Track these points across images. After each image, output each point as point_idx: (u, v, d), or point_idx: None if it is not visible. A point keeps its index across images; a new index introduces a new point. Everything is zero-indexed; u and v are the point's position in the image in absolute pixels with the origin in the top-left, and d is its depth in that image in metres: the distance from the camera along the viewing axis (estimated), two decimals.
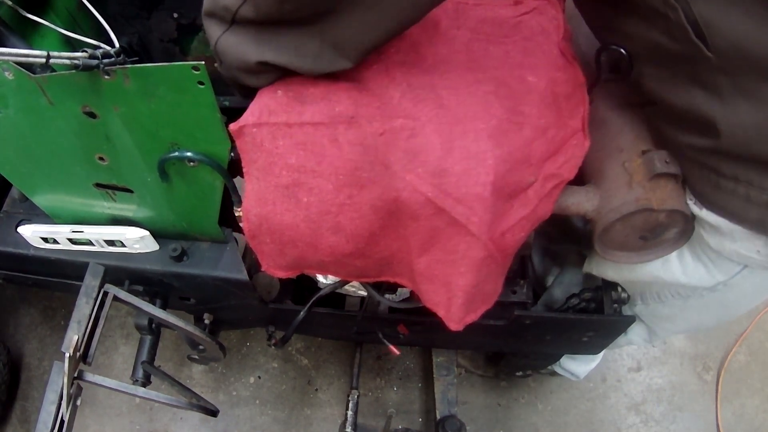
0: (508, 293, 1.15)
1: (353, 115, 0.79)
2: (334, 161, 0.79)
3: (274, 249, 0.89)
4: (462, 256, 0.81)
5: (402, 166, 0.78)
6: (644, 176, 0.84)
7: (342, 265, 0.90)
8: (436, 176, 0.77)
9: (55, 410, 0.92)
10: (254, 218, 0.85)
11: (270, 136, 0.80)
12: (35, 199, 1.08)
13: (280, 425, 1.90)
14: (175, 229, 1.10)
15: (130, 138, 0.88)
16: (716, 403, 1.94)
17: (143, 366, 1.16)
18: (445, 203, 0.77)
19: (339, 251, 0.85)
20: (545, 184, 0.83)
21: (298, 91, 0.81)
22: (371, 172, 0.79)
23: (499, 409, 1.93)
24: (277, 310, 1.19)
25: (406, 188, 0.78)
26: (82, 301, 0.97)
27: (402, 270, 0.91)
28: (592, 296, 1.15)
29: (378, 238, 0.85)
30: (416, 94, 0.82)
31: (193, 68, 0.75)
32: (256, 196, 0.84)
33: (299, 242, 0.85)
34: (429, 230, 0.81)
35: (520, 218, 0.82)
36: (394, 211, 0.81)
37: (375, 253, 0.87)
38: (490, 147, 0.77)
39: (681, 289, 1.01)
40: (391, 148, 0.79)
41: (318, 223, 0.82)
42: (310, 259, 0.89)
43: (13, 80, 0.81)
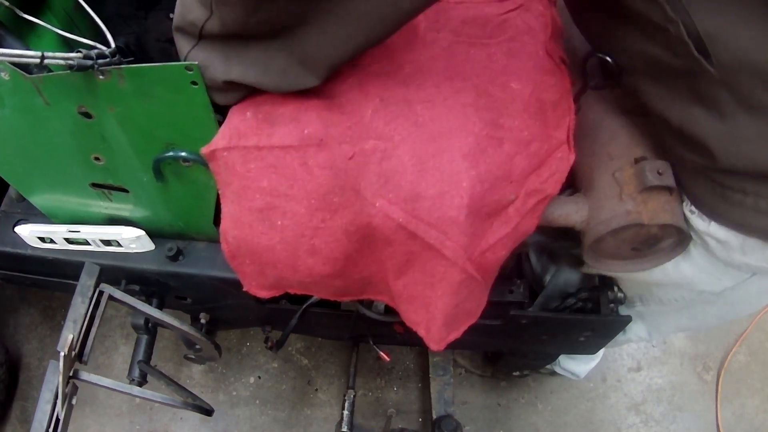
0: (505, 293, 1.15)
1: (323, 137, 0.77)
2: (305, 185, 0.77)
3: (254, 270, 0.88)
4: (439, 279, 0.79)
5: (373, 191, 0.76)
6: (635, 188, 0.80)
7: (322, 285, 0.89)
8: (408, 201, 0.75)
9: (50, 409, 0.92)
10: (232, 240, 0.85)
11: (241, 160, 0.79)
12: (32, 199, 1.09)
13: (280, 425, 1.90)
14: (171, 228, 1.10)
15: (125, 138, 0.88)
16: (716, 403, 1.93)
17: (139, 365, 1.16)
18: (418, 229, 0.75)
19: (317, 273, 0.84)
20: (527, 200, 0.80)
21: (267, 111, 0.79)
22: (342, 197, 0.77)
23: (499, 409, 1.93)
24: (273, 309, 1.19)
25: (377, 214, 0.76)
26: (77, 301, 0.97)
27: (381, 289, 0.91)
28: (588, 296, 1.15)
29: (355, 261, 0.84)
30: (390, 110, 0.78)
31: (186, 68, 0.75)
32: (232, 218, 0.83)
33: (278, 264, 0.84)
34: (404, 254, 0.80)
35: (501, 237, 0.79)
36: (368, 236, 0.80)
37: (353, 273, 0.86)
38: (465, 168, 0.74)
39: (685, 292, 0.98)
40: (362, 172, 0.77)
41: (294, 246, 0.81)
42: (290, 280, 0.88)
43: (9, 80, 0.81)
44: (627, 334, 1.21)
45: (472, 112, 0.78)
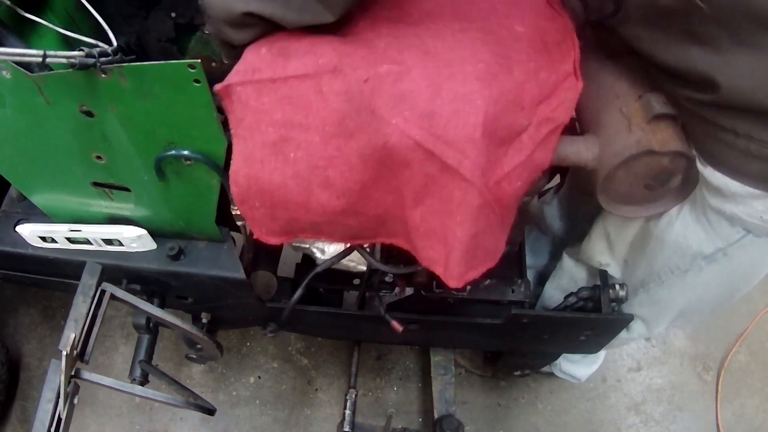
0: (506, 292, 1.15)
1: (337, 64, 0.77)
2: (320, 113, 0.77)
3: (264, 213, 0.87)
4: (457, 204, 0.78)
5: (388, 110, 0.76)
6: (643, 119, 0.82)
7: (335, 224, 0.88)
8: (424, 118, 0.75)
9: (52, 408, 0.92)
10: (242, 180, 0.83)
11: (255, 94, 0.79)
12: (33, 198, 1.09)
13: (280, 425, 1.90)
14: (173, 228, 1.10)
15: (126, 137, 0.88)
16: (716, 403, 1.93)
17: (141, 365, 1.16)
18: (435, 146, 0.75)
19: (330, 209, 0.83)
20: (540, 128, 0.81)
21: (282, 47, 0.80)
22: (358, 120, 0.77)
23: (499, 409, 1.93)
24: (274, 309, 1.19)
25: (393, 133, 0.76)
26: (79, 300, 0.97)
27: (397, 228, 0.89)
28: (589, 295, 1.15)
29: (370, 191, 0.83)
30: (402, 42, 0.80)
31: (189, 66, 0.75)
32: (243, 156, 0.82)
33: (290, 203, 0.83)
34: (422, 178, 0.79)
35: (516, 165, 0.80)
36: (384, 159, 0.79)
37: (368, 209, 0.85)
38: (478, 88, 0.76)
39: (679, 260, 0.98)
40: (377, 94, 0.77)
41: (307, 180, 0.80)
42: (302, 221, 0.87)
43: (11, 79, 0.81)
44: (629, 332, 1.21)
45: (480, 45, 0.80)
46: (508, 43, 0.82)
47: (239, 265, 1.09)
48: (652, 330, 1.18)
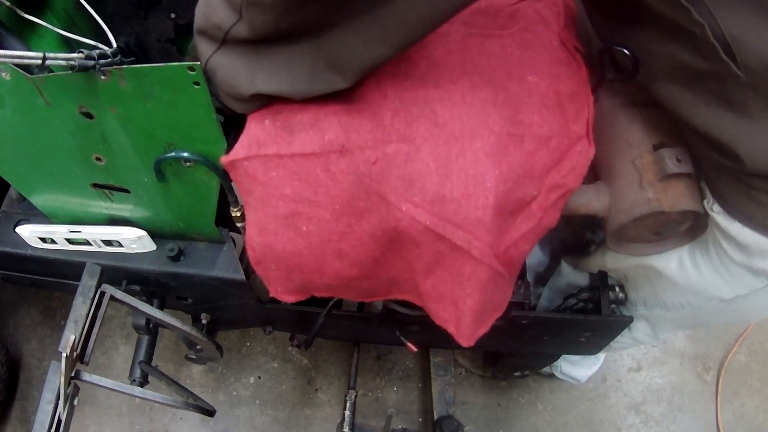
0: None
1: (344, 143, 0.76)
2: (329, 191, 0.77)
3: (280, 275, 0.88)
4: (467, 278, 0.79)
5: (398, 195, 0.75)
6: (655, 176, 0.80)
7: (349, 287, 0.90)
8: (434, 204, 0.75)
9: (52, 410, 0.92)
10: (258, 247, 0.84)
11: (262, 168, 0.78)
12: (33, 199, 1.08)
13: (280, 425, 1.90)
14: (172, 229, 1.10)
15: (126, 138, 0.88)
16: (716, 403, 1.93)
17: (140, 366, 1.16)
18: (446, 230, 0.75)
19: (344, 275, 0.84)
20: (549, 195, 0.80)
21: (286, 118, 0.79)
22: (367, 202, 0.77)
23: (499, 409, 1.93)
24: (273, 309, 1.19)
25: (404, 218, 0.76)
26: (78, 301, 0.97)
27: (409, 287, 0.90)
28: (589, 296, 1.15)
29: (382, 262, 0.83)
30: (410, 112, 0.77)
31: (188, 68, 0.75)
32: (256, 225, 0.83)
33: (304, 268, 0.84)
34: (432, 255, 0.79)
35: (525, 232, 0.80)
36: (395, 238, 0.79)
37: (381, 274, 0.86)
38: (489, 168, 0.74)
39: (692, 298, 0.97)
40: (386, 176, 0.76)
41: (321, 250, 0.81)
42: (316, 283, 0.89)
43: (10, 81, 0.81)
44: (633, 332, 1.20)
45: (491, 109, 0.78)
46: (519, 102, 0.79)
47: (239, 266, 1.09)
48: (657, 335, 1.18)
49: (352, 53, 0.70)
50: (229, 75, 0.76)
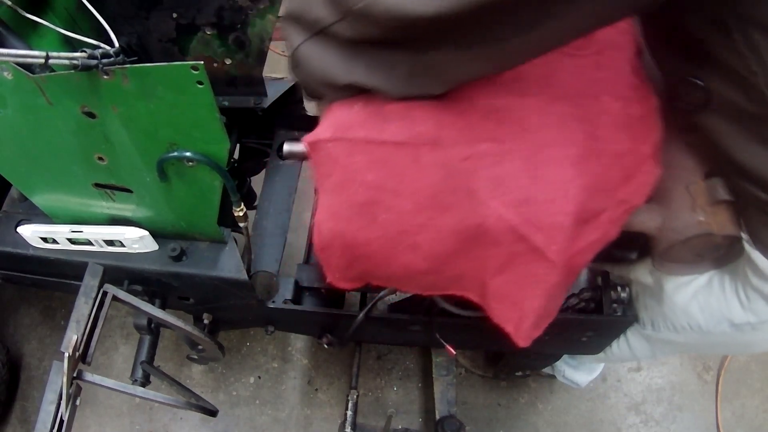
0: None
1: (436, 136, 0.76)
2: (414, 182, 0.77)
3: (343, 263, 0.87)
4: (537, 280, 0.80)
5: (487, 193, 0.76)
6: (706, 201, 0.85)
7: (412, 280, 0.88)
8: (520, 205, 0.76)
9: (54, 410, 0.92)
10: (326, 232, 0.83)
11: (346, 152, 0.78)
12: (34, 199, 1.08)
13: (280, 425, 1.90)
14: (174, 229, 1.10)
15: (128, 138, 0.88)
16: (716, 403, 1.93)
17: (142, 366, 1.16)
18: (528, 231, 0.76)
19: (413, 268, 0.83)
20: (616, 209, 0.82)
21: (378, 107, 0.78)
22: (454, 197, 0.77)
23: (499, 409, 1.93)
24: (275, 310, 1.19)
25: (491, 216, 0.76)
26: (81, 301, 0.97)
27: (472, 286, 0.89)
28: (591, 296, 1.15)
29: (454, 258, 0.83)
30: (498, 114, 0.79)
31: (192, 68, 0.75)
32: (330, 211, 0.81)
33: (373, 258, 0.83)
34: (508, 254, 0.80)
35: (591, 242, 0.81)
36: (476, 235, 0.79)
37: (449, 270, 0.85)
38: (572, 176, 0.77)
39: (703, 321, 1.00)
40: (476, 174, 0.76)
41: (395, 242, 0.80)
42: (379, 274, 0.88)
43: (12, 80, 0.81)
44: (632, 350, 1.22)
45: (572, 122, 0.80)
46: (595, 119, 0.81)
47: (241, 265, 1.09)
48: (656, 355, 1.20)
49: (457, 68, 0.72)
50: (323, 64, 0.75)
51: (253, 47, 1.22)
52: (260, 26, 1.18)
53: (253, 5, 1.14)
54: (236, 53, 1.24)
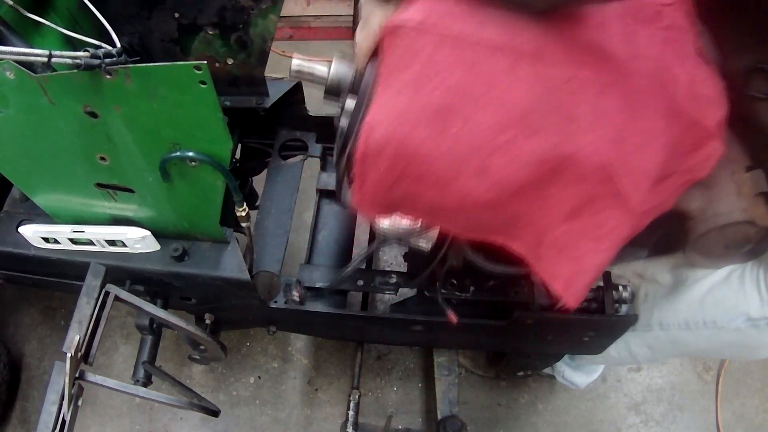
0: (510, 293, 1.15)
1: (538, 49, 0.69)
2: (504, 95, 0.68)
3: (384, 179, 0.74)
4: (608, 232, 0.74)
5: (588, 122, 0.69)
6: (750, 191, 0.86)
7: (459, 214, 0.77)
8: (615, 144, 0.70)
9: (56, 410, 0.92)
10: (380, 136, 0.70)
11: (433, 45, 0.68)
12: (36, 199, 1.08)
13: (280, 425, 1.90)
14: (177, 229, 1.10)
15: (131, 138, 0.88)
16: (716, 403, 1.94)
17: (144, 366, 1.16)
18: (617, 173, 0.70)
19: (470, 198, 0.72)
20: (682, 176, 0.79)
21: (474, 5, 0.70)
22: (548, 120, 0.69)
23: (499, 409, 1.93)
24: (277, 310, 1.19)
25: (586, 148, 0.69)
26: (83, 301, 0.97)
27: (522, 233, 0.80)
28: (593, 296, 1.15)
29: (523, 194, 0.73)
30: (598, 52, 0.73)
31: (195, 68, 0.75)
32: (392, 111, 0.70)
33: (427, 178, 0.72)
34: (587, 197, 0.73)
35: (654, 205, 0.78)
36: (560, 168, 0.71)
37: (510, 207, 0.75)
38: (662, 129, 0.73)
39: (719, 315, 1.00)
40: (578, 99, 0.69)
41: (461, 162, 0.70)
42: (423, 200, 0.76)
43: (14, 79, 0.80)
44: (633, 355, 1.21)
45: (655, 84, 0.76)
46: (671, 87, 0.78)
47: (243, 266, 1.09)
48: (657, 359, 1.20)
49: None
50: None
51: (255, 47, 1.22)
52: (262, 26, 1.18)
53: (255, 5, 1.14)
54: (238, 53, 1.24)
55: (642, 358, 1.22)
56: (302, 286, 1.21)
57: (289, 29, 2.67)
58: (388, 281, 1.24)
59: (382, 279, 1.25)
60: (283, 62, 2.59)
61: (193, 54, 1.24)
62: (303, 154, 1.44)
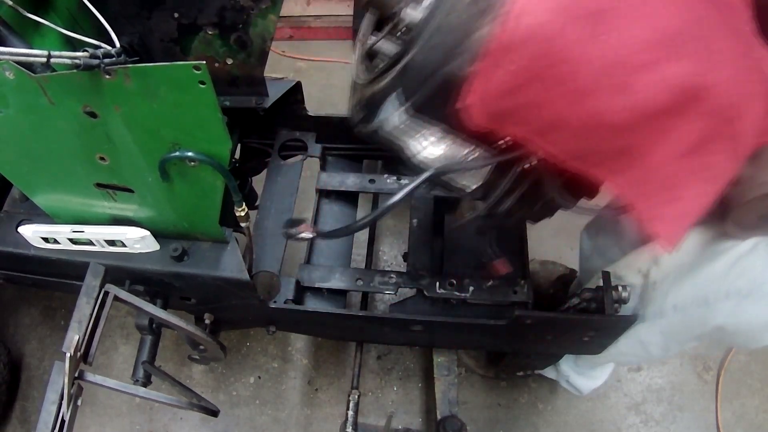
0: (509, 293, 1.15)
1: None
2: (657, 12, 0.65)
3: (515, 79, 0.69)
4: (716, 175, 0.73)
5: (726, 58, 0.67)
6: None
7: (580, 135, 0.73)
8: (744, 86, 0.68)
9: (55, 410, 0.92)
10: (524, 29, 0.66)
11: None
12: (36, 199, 1.08)
13: (280, 425, 1.90)
14: (176, 229, 1.10)
15: (130, 138, 0.88)
16: (716, 403, 1.93)
17: (144, 366, 1.16)
18: (740, 115, 0.69)
19: (604, 117, 0.69)
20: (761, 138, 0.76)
21: None
22: (692, 48, 0.65)
23: (499, 409, 1.93)
24: (277, 310, 1.19)
25: (723, 84, 0.67)
26: (82, 301, 0.97)
27: (632, 167, 0.76)
28: (592, 296, 1.15)
29: (656, 119, 0.70)
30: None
31: (194, 68, 0.75)
32: (543, 4, 0.65)
33: (563, 86, 0.68)
34: (706, 135, 0.70)
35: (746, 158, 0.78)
36: (695, 100, 0.68)
37: (633, 133, 0.72)
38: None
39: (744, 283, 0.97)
40: (717, 35, 0.67)
41: (605, 73, 0.66)
42: (548, 113, 0.71)
43: (14, 80, 0.80)
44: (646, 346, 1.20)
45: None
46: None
47: (243, 265, 1.09)
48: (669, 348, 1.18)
49: None
50: None
51: (255, 47, 1.23)
52: (262, 26, 1.18)
53: (255, 5, 1.14)
54: (238, 53, 1.24)
55: (654, 349, 1.19)
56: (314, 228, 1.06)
57: (289, 29, 2.67)
58: (388, 281, 1.24)
59: (382, 279, 1.25)
60: (282, 62, 2.59)
61: (192, 54, 1.24)
62: (303, 154, 1.44)
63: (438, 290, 1.20)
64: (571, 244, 1.96)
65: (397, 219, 2.15)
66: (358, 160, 1.56)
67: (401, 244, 2.11)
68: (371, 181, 1.44)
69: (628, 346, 1.24)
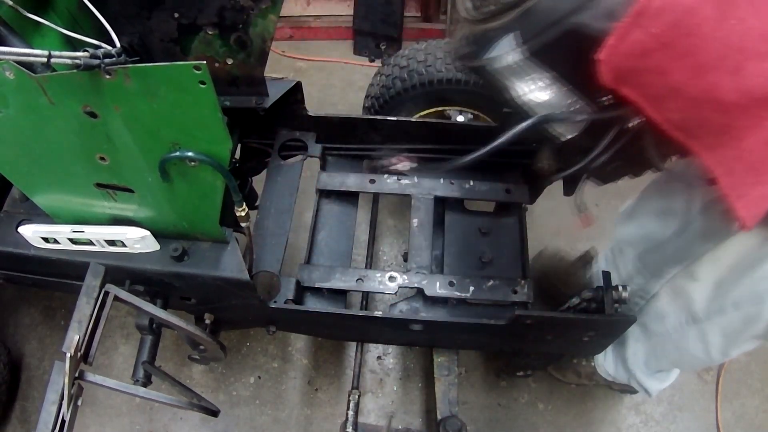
0: (509, 293, 1.15)
1: None
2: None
3: (647, 43, 0.73)
4: None
5: None
6: None
7: (693, 106, 0.77)
8: None
9: (56, 410, 0.92)
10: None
11: None
12: (36, 199, 1.08)
13: (280, 425, 1.90)
14: (176, 229, 1.10)
15: (131, 138, 0.88)
16: (716, 403, 1.93)
17: (144, 366, 1.16)
18: None
19: (716, 94, 0.73)
20: None
21: None
22: None
23: (499, 409, 1.93)
24: (277, 310, 1.19)
25: None
26: (82, 301, 0.97)
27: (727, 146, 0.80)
28: (593, 296, 1.15)
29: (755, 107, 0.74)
30: None
31: (194, 68, 0.75)
32: None
33: (689, 58, 0.72)
34: None
35: None
36: None
37: (736, 114, 0.76)
38: None
39: None
40: None
41: (725, 53, 0.71)
42: (669, 80, 0.75)
43: (14, 80, 0.80)
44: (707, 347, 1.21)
45: None
46: None
47: (243, 265, 1.09)
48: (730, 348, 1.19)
49: None
50: None
51: (255, 47, 1.22)
52: (262, 26, 1.18)
53: (255, 5, 1.14)
54: (238, 53, 1.24)
55: (714, 351, 1.20)
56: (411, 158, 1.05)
57: (289, 29, 2.67)
58: (388, 281, 1.24)
59: (381, 279, 1.25)
60: (282, 62, 2.59)
61: (192, 54, 1.24)
62: (303, 154, 1.44)
63: (438, 290, 1.20)
64: (571, 244, 1.95)
65: (397, 219, 2.15)
66: (358, 160, 1.56)
67: (401, 244, 2.11)
68: (371, 181, 1.44)
69: (694, 343, 1.23)
